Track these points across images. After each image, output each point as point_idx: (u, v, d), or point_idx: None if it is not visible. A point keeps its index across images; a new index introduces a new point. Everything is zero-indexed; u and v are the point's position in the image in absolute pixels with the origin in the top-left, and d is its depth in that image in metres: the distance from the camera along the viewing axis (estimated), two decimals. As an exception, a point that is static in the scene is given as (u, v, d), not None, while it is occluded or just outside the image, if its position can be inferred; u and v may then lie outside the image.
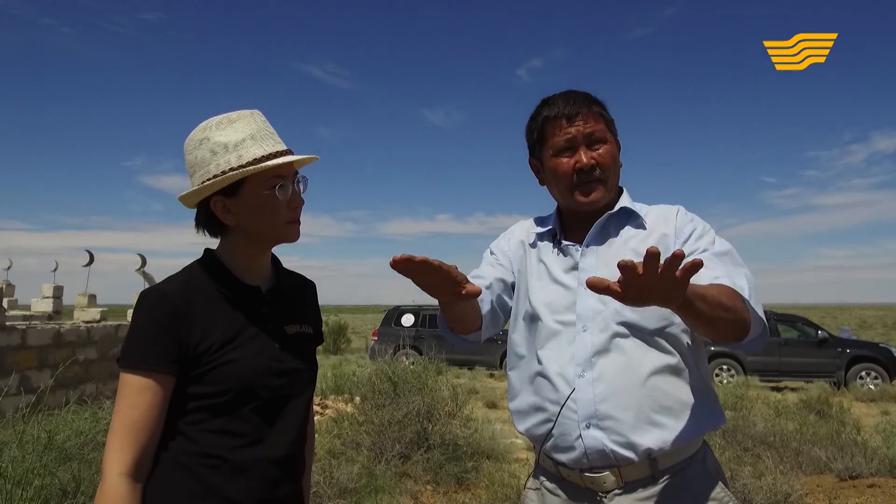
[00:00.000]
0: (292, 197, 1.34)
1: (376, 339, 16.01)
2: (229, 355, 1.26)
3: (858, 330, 33.36)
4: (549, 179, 1.66)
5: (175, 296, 1.26)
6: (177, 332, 1.23)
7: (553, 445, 1.53)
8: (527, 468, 5.60)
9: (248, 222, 1.32)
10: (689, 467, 1.47)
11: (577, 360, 1.51)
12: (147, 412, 1.20)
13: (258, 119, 1.34)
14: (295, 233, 1.37)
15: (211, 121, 1.32)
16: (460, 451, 5.71)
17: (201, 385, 1.24)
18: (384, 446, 5.53)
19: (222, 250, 1.37)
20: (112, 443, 1.18)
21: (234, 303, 1.32)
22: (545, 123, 1.62)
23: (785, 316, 14.91)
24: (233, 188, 1.30)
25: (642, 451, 1.43)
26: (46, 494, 3.12)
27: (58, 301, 12.54)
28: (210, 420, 1.25)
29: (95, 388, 6.84)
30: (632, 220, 1.64)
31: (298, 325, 1.42)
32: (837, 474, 5.14)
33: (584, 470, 1.49)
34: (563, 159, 1.58)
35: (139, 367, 1.21)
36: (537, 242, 1.72)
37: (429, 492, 5.16)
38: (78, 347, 6.83)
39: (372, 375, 6.23)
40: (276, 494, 1.30)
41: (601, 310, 1.52)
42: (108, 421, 4.09)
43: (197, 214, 1.37)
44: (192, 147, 1.32)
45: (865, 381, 12.95)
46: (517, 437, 7.71)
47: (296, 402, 1.36)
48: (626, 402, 1.45)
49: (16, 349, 6.06)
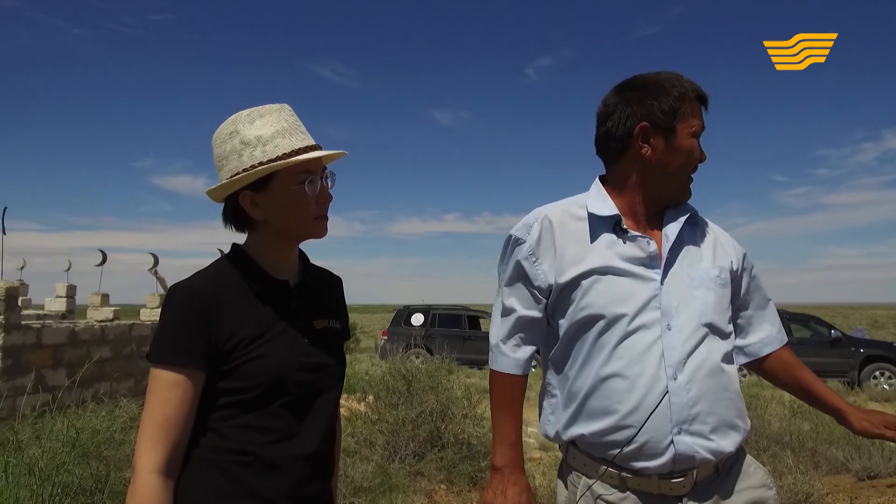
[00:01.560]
0: (321, 192, 1.33)
1: (386, 339, 16.01)
2: (259, 350, 1.24)
3: (870, 329, 33.08)
4: (668, 155, 1.51)
5: (204, 291, 1.24)
6: (206, 327, 1.21)
7: (634, 453, 1.42)
8: (541, 467, 5.59)
9: (276, 217, 1.31)
10: (737, 458, 1.53)
11: (668, 362, 1.42)
12: (178, 408, 1.19)
13: (287, 113, 1.32)
14: (322, 229, 1.36)
15: (240, 114, 1.30)
16: (474, 450, 5.70)
17: (231, 380, 1.23)
18: (398, 445, 5.54)
19: (250, 245, 1.36)
20: (143, 439, 1.17)
21: (263, 297, 1.30)
22: (687, 100, 1.50)
23: (798, 315, 14.79)
24: (262, 183, 1.28)
25: (725, 453, 1.44)
26: (69, 491, 3.13)
27: (71, 300, 12.63)
28: (240, 416, 1.24)
29: (109, 387, 6.88)
30: (700, 222, 1.65)
31: (326, 319, 1.41)
32: (855, 474, 5.09)
33: (664, 476, 1.43)
34: (696, 144, 1.53)
35: (170, 363, 1.20)
36: (594, 230, 1.53)
37: (443, 490, 5.15)
38: (92, 346, 6.87)
39: (385, 374, 6.23)
40: (306, 492, 1.29)
41: (689, 307, 1.48)
42: (124, 419, 4.11)
43: (224, 209, 1.35)
44: (221, 140, 1.31)
45: (879, 381, 12.83)
46: (529, 437, 7.68)
47: (325, 398, 1.34)
48: (714, 405, 1.44)
49: (31, 348, 6.10)
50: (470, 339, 16.14)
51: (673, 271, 1.51)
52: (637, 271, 1.48)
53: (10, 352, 5.82)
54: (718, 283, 1.53)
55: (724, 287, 1.55)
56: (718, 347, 1.49)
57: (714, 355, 1.46)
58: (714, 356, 1.46)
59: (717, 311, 1.51)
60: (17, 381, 5.90)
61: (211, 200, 1.36)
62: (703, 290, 1.50)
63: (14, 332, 5.88)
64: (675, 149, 1.51)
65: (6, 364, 5.77)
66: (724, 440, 1.44)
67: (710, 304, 1.50)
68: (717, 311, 1.51)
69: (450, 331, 16.09)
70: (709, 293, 1.51)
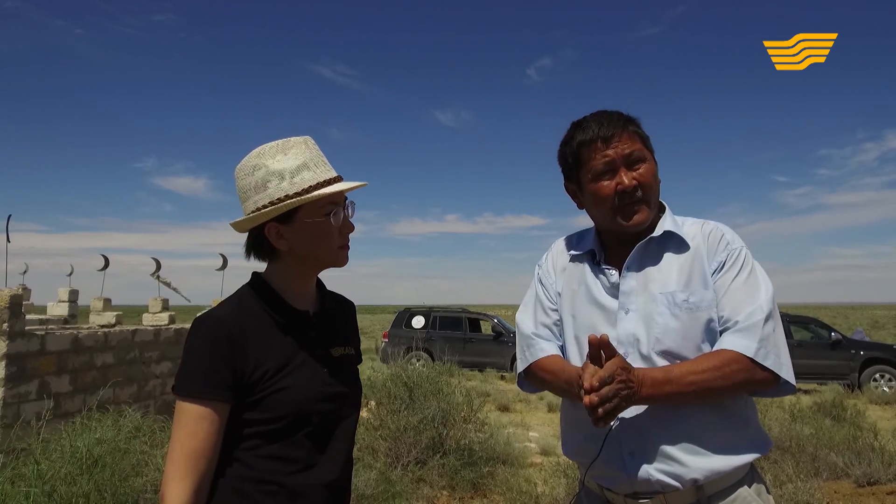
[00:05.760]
0: (344, 223, 1.37)
1: (387, 341, 16.02)
2: (283, 382, 1.28)
3: (870, 330, 33.03)
4: (589, 203, 1.64)
5: (230, 322, 1.27)
6: (232, 359, 1.24)
7: (598, 471, 1.53)
8: (542, 473, 5.60)
9: (301, 248, 1.34)
10: (736, 493, 1.47)
11: None
12: (206, 441, 1.21)
13: (311, 146, 1.36)
14: (345, 258, 1.39)
15: (264, 147, 1.34)
16: (476, 457, 5.71)
17: (256, 412, 1.26)
18: (400, 452, 5.55)
19: (271, 274, 1.39)
20: (172, 472, 1.20)
21: (286, 328, 1.34)
22: (581, 147, 1.59)
23: (798, 317, 14.81)
24: (288, 215, 1.31)
25: (688, 480, 1.44)
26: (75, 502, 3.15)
27: (73, 305, 12.65)
28: (265, 446, 1.27)
29: (113, 393, 6.90)
30: (673, 243, 1.59)
31: (343, 347, 1.45)
32: (855, 480, 5.11)
33: (630, 496, 1.49)
34: (604, 182, 1.56)
35: (198, 396, 1.23)
36: (577, 263, 1.69)
37: (445, 497, 5.17)
38: (95, 352, 6.89)
39: (387, 380, 6.24)
40: None
41: (642, 336, 1.51)
42: (129, 429, 4.13)
43: (248, 239, 1.39)
44: (245, 173, 1.34)
45: (880, 384, 12.82)
46: (531, 441, 7.71)
47: (344, 426, 1.38)
48: (670, 431, 1.45)
49: (35, 355, 6.12)
50: (470, 342, 16.15)
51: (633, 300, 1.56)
52: (604, 302, 1.60)
53: (15, 359, 5.84)
54: (686, 309, 1.50)
55: (694, 312, 1.50)
56: None
57: None
58: None
59: (678, 338, 1.49)
60: (21, 388, 5.92)
61: (235, 231, 1.38)
62: (665, 318, 1.51)
63: (18, 340, 5.90)
64: (589, 194, 1.63)
65: (10, 371, 5.79)
66: (687, 466, 1.43)
67: (670, 331, 1.49)
68: (678, 339, 1.49)
69: (450, 333, 16.10)
70: (672, 321, 1.50)
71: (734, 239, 1.59)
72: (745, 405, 1.52)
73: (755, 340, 1.43)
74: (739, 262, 1.54)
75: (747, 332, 1.44)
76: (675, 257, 1.58)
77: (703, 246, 1.57)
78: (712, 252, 1.56)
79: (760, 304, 1.47)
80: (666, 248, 1.59)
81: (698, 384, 1.41)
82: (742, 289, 1.50)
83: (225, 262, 11.22)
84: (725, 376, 1.41)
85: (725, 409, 1.48)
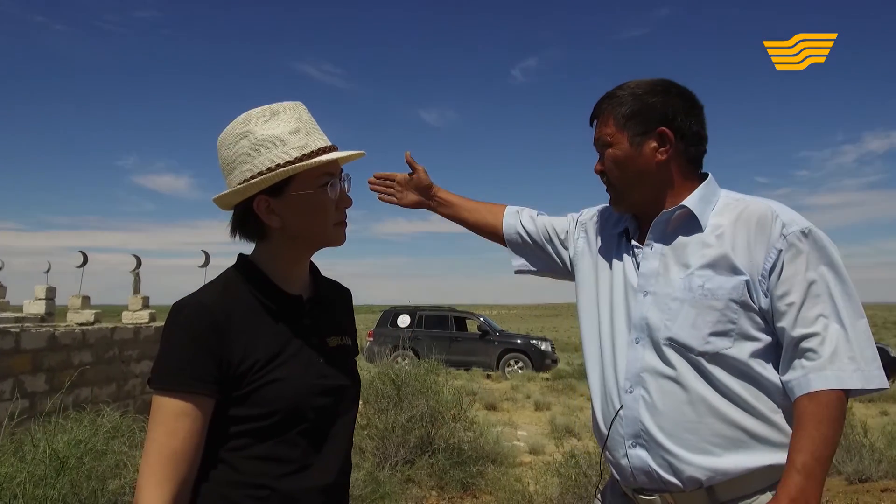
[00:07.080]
0: (341, 196, 1.23)
1: (372, 340, 15.91)
2: (274, 374, 1.13)
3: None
4: None
5: (214, 308, 1.13)
6: (217, 349, 1.10)
7: (607, 456, 1.51)
8: (533, 472, 5.53)
9: (294, 224, 1.20)
10: (756, 501, 1.32)
11: (626, 374, 1.43)
12: (186, 440, 1.07)
13: (303, 112, 1.22)
14: (342, 235, 1.26)
15: (251, 113, 1.19)
16: (465, 456, 5.63)
17: (244, 407, 1.12)
18: (388, 451, 5.45)
19: (260, 256, 1.25)
20: (147, 476, 1.05)
21: (277, 315, 1.19)
22: None
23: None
24: (279, 187, 1.17)
25: (687, 478, 1.33)
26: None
27: (50, 303, 12.33)
28: (254, 445, 1.12)
29: (91, 392, 6.71)
30: (696, 222, 1.43)
31: (339, 336, 1.31)
32: (847, 478, 5.09)
33: (636, 490, 1.44)
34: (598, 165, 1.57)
35: (177, 390, 1.07)
36: (609, 238, 1.63)
37: (434, 497, 5.08)
38: (73, 351, 6.69)
39: (374, 379, 6.13)
40: None
41: (653, 321, 1.42)
42: (107, 429, 3.97)
43: (234, 217, 1.24)
44: (231, 141, 1.19)
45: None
46: (519, 440, 7.65)
47: (341, 423, 1.24)
48: (672, 425, 1.35)
49: (10, 353, 5.92)
50: (456, 341, 16.12)
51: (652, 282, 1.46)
52: (626, 281, 1.55)
53: (-12, 357, 5.66)
54: (700, 295, 1.36)
55: (709, 300, 1.35)
56: (688, 367, 1.36)
57: (683, 375, 1.35)
58: (683, 376, 1.35)
59: (686, 327, 1.36)
60: (-5, 388, 5.73)
61: (218, 207, 1.24)
62: (678, 304, 1.39)
63: (-9, 337, 5.72)
64: None
65: (-17, 370, 5.61)
66: (688, 464, 1.32)
67: (680, 319, 1.37)
68: (685, 329, 1.36)
69: (436, 332, 16.06)
70: (684, 306, 1.38)
71: (792, 221, 1.35)
72: (775, 404, 1.34)
73: (844, 366, 1.24)
74: (801, 251, 1.32)
75: (832, 360, 1.25)
76: (697, 238, 1.42)
77: (743, 229, 1.38)
78: (756, 239, 1.36)
79: (835, 308, 1.29)
80: (689, 227, 1.44)
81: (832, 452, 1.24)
82: (802, 289, 1.30)
83: (207, 259, 11.03)
84: (838, 423, 1.24)
85: (743, 405, 1.32)
